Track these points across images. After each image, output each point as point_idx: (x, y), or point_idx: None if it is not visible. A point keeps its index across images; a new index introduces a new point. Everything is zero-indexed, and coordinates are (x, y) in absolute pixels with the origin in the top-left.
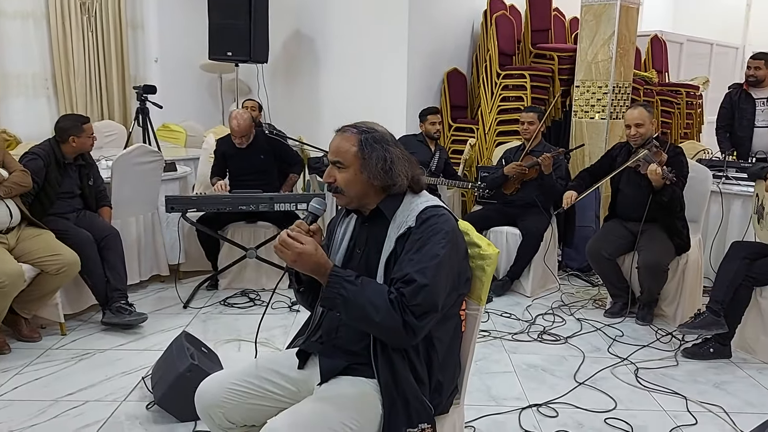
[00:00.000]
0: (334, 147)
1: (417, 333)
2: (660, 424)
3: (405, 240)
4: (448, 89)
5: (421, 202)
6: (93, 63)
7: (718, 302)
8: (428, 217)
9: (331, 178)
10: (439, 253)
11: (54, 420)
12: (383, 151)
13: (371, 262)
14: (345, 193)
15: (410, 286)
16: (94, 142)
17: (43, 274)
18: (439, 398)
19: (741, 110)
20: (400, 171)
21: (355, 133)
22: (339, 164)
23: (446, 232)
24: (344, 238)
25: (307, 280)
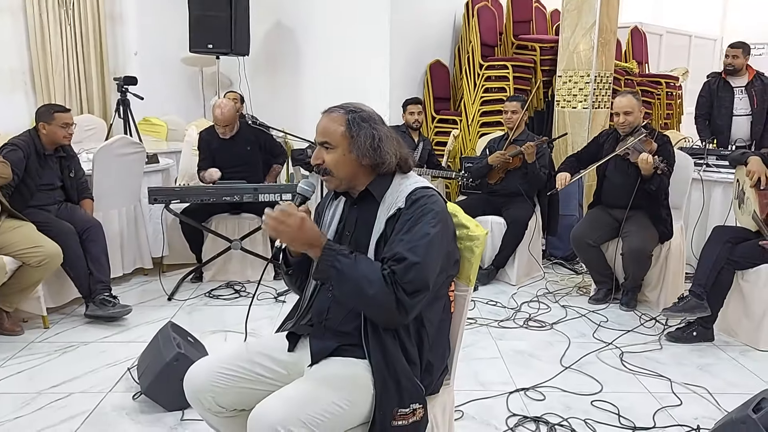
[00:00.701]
0: (321, 128)
1: (409, 311)
2: (646, 406)
3: (395, 221)
4: (431, 81)
5: (411, 183)
6: (71, 57)
7: (701, 286)
8: (418, 198)
9: (319, 159)
10: (430, 232)
11: (39, 412)
12: (371, 129)
13: (361, 244)
14: (334, 174)
15: (401, 264)
16: (69, 135)
17: (24, 266)
18: (429, 378)
19: (720, 99)
20: (388, 149)
21: (342, 113)
22: (327, 145)
23: (436, 212)
24: (333, 221)
25: (296, 262)
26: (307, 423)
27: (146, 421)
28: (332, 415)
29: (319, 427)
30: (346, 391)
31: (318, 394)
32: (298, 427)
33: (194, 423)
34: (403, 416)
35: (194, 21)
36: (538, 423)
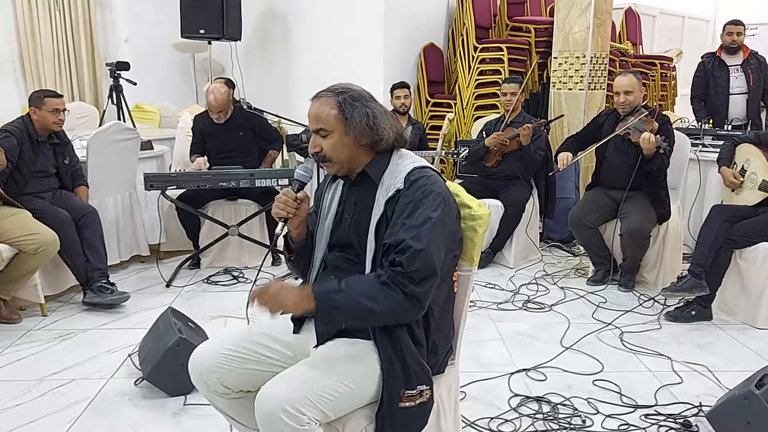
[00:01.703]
0: (314, 114)
1: (422, 300)
2: (647, 384)
3: (395, 203)
4: (425, 64)
5: (408, 164)
6: (61, 44)
7: (699, 265)
8: (417, 179)
9: (317, 147)
10: (432, 216)
11: (40, 398)
12: (364, 108)
13: (361, 226)
14: (334, 159)
15: (406, 254)
16: (60, 121)
17: (20, 254)
18: (435, 359)
19: (715, 78)
20: (384, 125)
21: (332, 96)
22: (322, 131)
23: (437, 193)
24: (332, 204)
25: (298, 248)
26: (315, 402)
27: (149, 406)
28: (339, 394)
29: (326, 406)
30: (352, 371)
31: (324, 374)
32: (305, 406)
33: (197, 407)
34: (410, 398)
35: (185, 6)
36: (540, 403)
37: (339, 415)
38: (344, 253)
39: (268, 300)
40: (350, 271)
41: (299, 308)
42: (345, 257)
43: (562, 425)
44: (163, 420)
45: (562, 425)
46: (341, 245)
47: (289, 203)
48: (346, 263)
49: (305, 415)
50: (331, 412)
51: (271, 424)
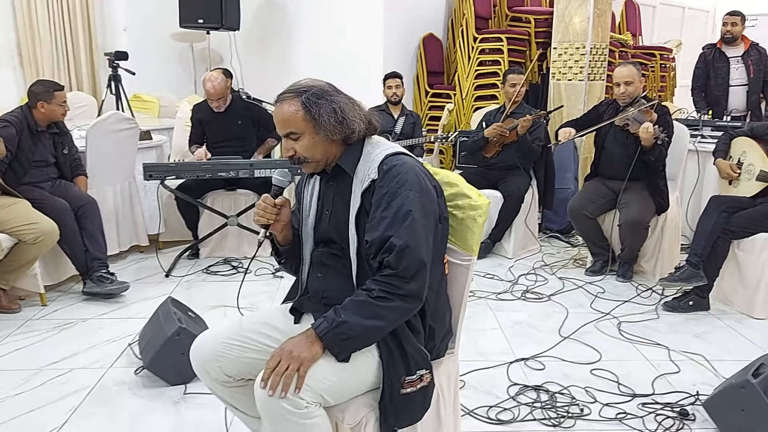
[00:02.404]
0: (280, 119)
1: (419, 294)
2: (645, 373)
3: (371, 194)
4: (425, 55)
5: (380, 152)
6: (59, 33)
7: (697, 255)
8: (390, 168)
9: (290, 151)
10: (411, 209)
11: (40, 388)
12: (330, 104)
13: (340, 220)
14: (309, 159)
15: (392, 253)
16: (66, 112)
17: (20, 243)
18: (432, 343)
19: (716, 69)
20: (354, 117)
21: (294, 97)
22: (292, 134)
23: (412, 182)
24: (312, 200)
25: (286, 250)
26: (314, 388)
27: (149, 395)
28: (339, 379)
29: (324, 391)
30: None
31: (322, 360)
32: (303, 391)
33: (197, 396)
34: (410, 383)
35: None
36: (539, 392)
37: (339, 401)
38: (329, 248)
39: (290, 363)
40: (336, 267)
41: (315, 354)
42: (330, 252)
43: (560, 414)
44: (164, 409)
45: (560, 414)
46: (325, 240)
47: (268, 209)
48: (331, 259)
49: (303, 399)
50: (330, 397)
51: (270, 408)
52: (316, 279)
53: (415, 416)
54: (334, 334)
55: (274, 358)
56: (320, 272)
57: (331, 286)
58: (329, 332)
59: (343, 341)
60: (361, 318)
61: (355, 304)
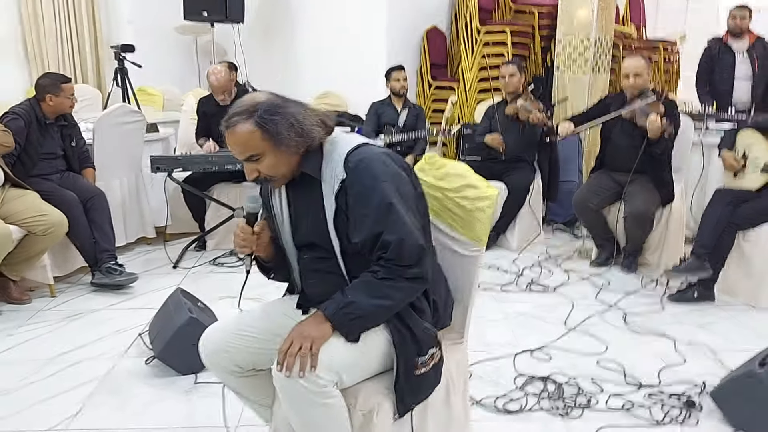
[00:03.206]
0: (236, 144)
1: (424, 275)
2: (650, 364)
3: (344, 194)
4: (428, 48)
5: (341, 150)
6: (64, 26)
7: (703, 247)
8: (355, 165)
9: (253, 173)
10: (392, 200)
11: (52, 377)
12: (285, 118)
13: (318, 225)
14: (275, 177)
15: (389, 250)
16: (73, 104)
17: (30, 235)
18: (437, 315)
19: (721, 63)
20: (311, 124)
21: (247, 118)
22: (253, 157)
23: (382, 171)
24: (282, 207)
25: (272, 265)
26: (329, 366)
27: (160, 384)
28: (352, 358)
29: (343, 370)
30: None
31: (334, 340)
32: (320, 369)
33: (208, 386)
34: (423, 364)
35: None
36: (545, 382)
37: (354, 380)
38: (313, 252)
39: (302, 343)
40: (326, 269)
41: (326, 332)
42: (315, 257)
43: (567, 404)
44: (175, 398)
45: (567, 404)
46: (307, 245)
47: (248, 239)
48: (319, 263)
49: (322, 378)
50: (346, 375)
51: (289, 388)
52: (310, 284)
53: (428, 392)
54: (342, 314)
55: (286, 341)
56: (312, 278)
57: (326, 289)
58: (337, 312)
59: (351, 321)
60: (368, 297)
61: (361, 285)
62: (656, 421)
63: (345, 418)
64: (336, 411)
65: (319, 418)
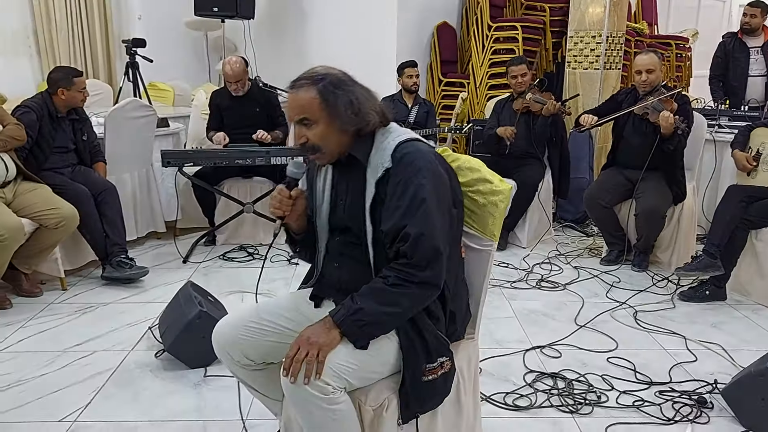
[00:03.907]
0: (294, 105)
1: (435, 281)
2: (661, 362)
3: (385, 183)
4: (438, 43)
5: (393, 140)
6: (76, 21)
7: (715, 245)
8: (403, 155)
9: (302, 138)
10: (425, 196)
11: (64, 369)
12: (347, 94)
13: (355, 209)
14: (323, 150)
15: (407, 242)
16: (85, 98)
17: (41, 228)
18: (454, 327)
19: (735, 59)
20: (369, 109)
21: (311, 84)
22: (306, 120)
23: (425, 168)
24: (325, 188)
25: (301, 239)
26: (337, 371)
27: (170, 377)
28: (362, 363)
29: (349, 375)
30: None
31: (345, 344)
32: (329, 376)
33: (217, 379)
34: (432, 371)
35: None
36: (555, 379)
37: (363, 384)
38: (345, 236)
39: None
40: (352, 255)
41: (333, 339)
42: (346, 241)
43: (577, 400)
44: (185, 391)
45: (577, 400)
46: (340, 229)
47: (284, 202)
48: (347, 248)
49: (329, 385)
50: (355, 380)
51: (297, 395)
52: (333, 268)
53: (436, 401)
54: (351, 321)
55: (293, 347)
56: (336, 261)
57: (348, 275)
58: (346, 319)
59: (360, 327)
60: (377, 305)
61: (371, 291)
62: (667, 419)
63: (354, 422)
64: (344, 415)
65: (328, 423)
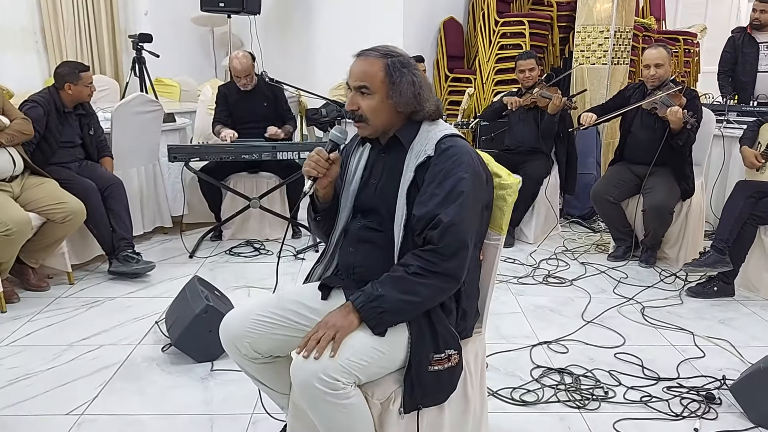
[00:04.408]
0: (358, 71)
1: (456, 274)
2: (669, 358)
3: (425, 170)
4: (445, 39)
5: (439, 131)
6: (82, 16)
7: (723, 240)
8: (447, 147)
9: (354, 105)
10: (464, 190)
11: (71, 363)
12: (411, 76)
13: (387, 192)
14: (370, 122)
15: (437, 229)
16: (92, 93)
17: (49, 222)
18: (464, 324)
19: (744, 54)
20: (427, 96)
21: (379, 57)
22: (365, 90)
23: (468, 164)
24: (358, 167)
25: (324, 208)
26: (347, 368)
27: (177, 371)
28: (372, 360)
29: (360, 372)
30: (384, 338)
31: (356, 341)
32: (339, 373)
33: (224, 373)
34: (438, 362)
35: None
36: (562, 374)
37: (371, 379)
38: (366, 220)
39: (327, 331)
40: (370, 241)
41: (352, 324)
42: (367, 226)
43: (584, 396)
44: (191, 385)
45: (584, 396)
46: (364, 210)
47: (320, 163)
48: (367, 232)
49: (339, 381)
50: (364, 376)
51: (307, 392)
52: (348, 253)
53: (441, 396)
54: (370, 307)
55: (313, 329)
56: (353, 246)
57: (362, 262)
58: (366, 305)
59: (379, 314)
60: (397, 292)
61: (392, 279)
62: (675, 415)
63: (367, 415)
64: (355, 409)
65: (339, 417)
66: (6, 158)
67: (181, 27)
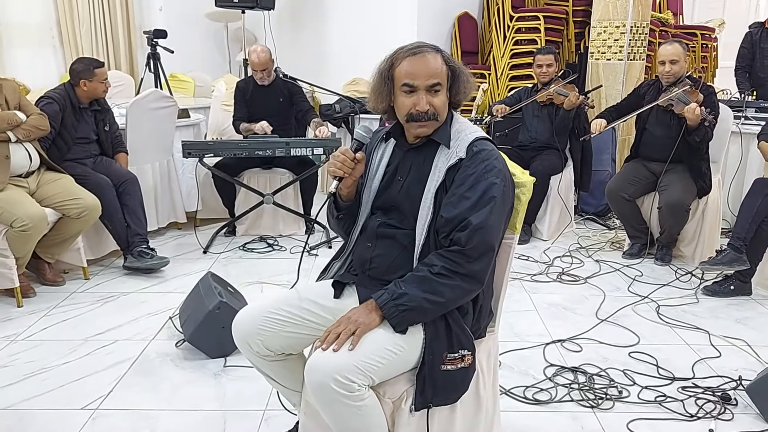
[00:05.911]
0: (429, 69)
1: (479, 277)
2: (684, 357)
3: (455, 171)
4: (459, 34)
5: (470, 132)
6: (98, 12)
7: (740, 239)
8: (479, 150)
9: (428, 105)
10: (496, 195)
11: (86, 357)
12: (461, 71)
13: (413, 191)
14: (439, 118)
15: (466, 231)
16: (107, 89)
17: (64, 218)
18: (478, 325)
19: (762, 50)
20: (471, 89)
21: (435, 51)
22: (438, 87)
23: (499, 170)
24: (380, 164)
25: (346, 206)
26: (363, 369)
27: (190, 367)
28: (386, 360)
29: (374, 373)
30: (398, 336)
31: (371, 341)
32: (354, 374)
33: (237, 369)
34: (451, 361)
35: None
36: (576, 373)
37: (385, 379)
38: (386, 217)
39: (348, 326)
40: (389, 238)
41: (373, 321)
42: (386, 223)
43: (598, 395)
44: (204, 380)
45: (598, 395)
46: (386, 208)
47: (347, 163)
48: (386, 229)
49: (354, 382)
50: (379, 377)
51: (322, 393)
52: (366, 248)
53: (452, 396)
54: (393, 305)
55: (335, 323)
56: (370, 242)
57: (379, 258)
58: (389, 303)
59: (402, 312)
60: (420, 291)
61: (415, 279)
62: (690, 415)
63: (381, 417)
64: (370, 410)
65: (356, 420)
66: (22, 154)
67: (196, 23)
